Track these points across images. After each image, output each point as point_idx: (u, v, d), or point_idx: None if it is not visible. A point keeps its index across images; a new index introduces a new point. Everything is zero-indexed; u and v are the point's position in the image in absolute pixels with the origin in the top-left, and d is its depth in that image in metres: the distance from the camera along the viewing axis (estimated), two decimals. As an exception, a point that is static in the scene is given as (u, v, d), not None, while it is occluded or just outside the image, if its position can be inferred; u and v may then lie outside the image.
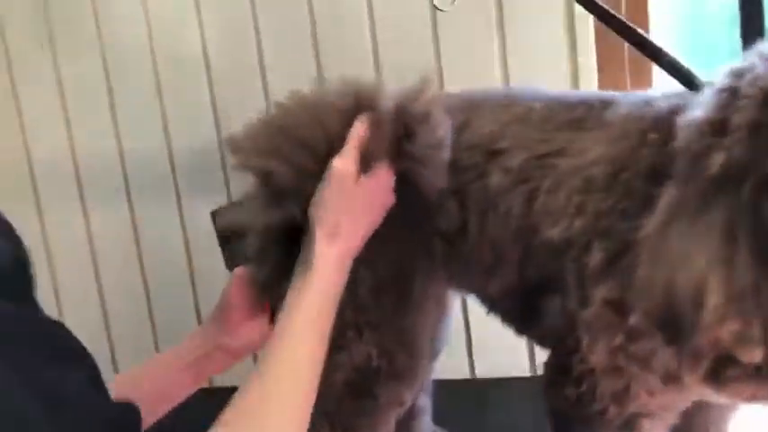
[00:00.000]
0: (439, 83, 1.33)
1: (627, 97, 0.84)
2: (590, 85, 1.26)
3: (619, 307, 0.72)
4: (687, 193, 0.65)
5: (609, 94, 0.88)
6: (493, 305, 0.93)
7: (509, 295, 0.87)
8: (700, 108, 0.68)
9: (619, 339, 0.73)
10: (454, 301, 1.06)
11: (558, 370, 0.80)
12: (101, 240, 1.58)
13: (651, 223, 0.67)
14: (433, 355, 1.00)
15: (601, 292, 0.73)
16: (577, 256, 0.77)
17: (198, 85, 1.48)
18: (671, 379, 0.71)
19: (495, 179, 0.83)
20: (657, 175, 0.71)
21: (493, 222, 0.83)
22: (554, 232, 0.79)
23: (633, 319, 0.69)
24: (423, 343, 0.93)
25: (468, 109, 0.89)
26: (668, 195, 0.66)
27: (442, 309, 1.00)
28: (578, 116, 0.82)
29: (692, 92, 0.77)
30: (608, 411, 0.76)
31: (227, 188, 1.46)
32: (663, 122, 0.75)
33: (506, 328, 0.93)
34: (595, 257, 0.75)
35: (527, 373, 1.39)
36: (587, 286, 0.75)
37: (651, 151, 0.74)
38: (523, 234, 0.81)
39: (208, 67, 1.47)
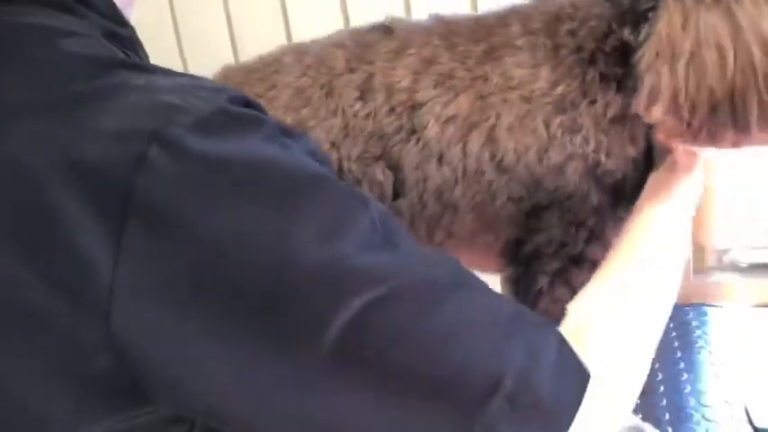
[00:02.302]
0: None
1: (514, 9, 0.82)
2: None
3: None
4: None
5: (491, 13, 0.84)
6: None
7: (463, 238, 0.86)
8: None
9: None
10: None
11: (560, 253, 0.82)
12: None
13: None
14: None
15: None
16: (586, 165, 0.77)
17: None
18: None
19: (432, 132, 0.79)
20: (618, 50, 0.74)
21: (435, 173, 0.80)
22: (549, 157, 0.77)
23: None
24: None
25: (359, 60, 0.82)
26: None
27: None
28: (490, 45, 0.79)
29: None
30: None
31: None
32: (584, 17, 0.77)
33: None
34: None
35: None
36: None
37: (595, 38, 0.76)
38: (490, 176, 0.79)
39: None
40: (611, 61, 0.75)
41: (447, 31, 0.82)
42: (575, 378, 0.54)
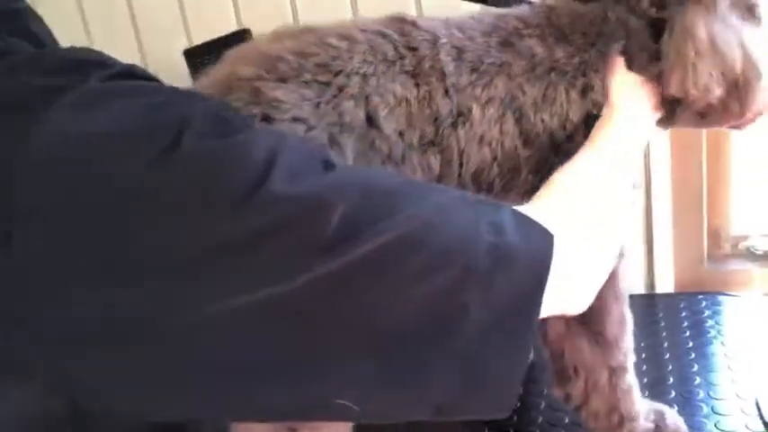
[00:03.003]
0: None
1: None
2: None
3: None
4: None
5: (483, 14, 0.89)
6: None
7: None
8: None
9: None
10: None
11: None
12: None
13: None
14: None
15: None
16: (590, 120, 0.84)
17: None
18: None
19: (477, 114, 0.81)
20: (597, 32, 0.85)
21: (477, 154, 0.82)
22: (570, 120, 0.84)
23: None
24: None
25: (405, 48, 0.82)
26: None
27: None
28: (501, 36, 0.84)
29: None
30: None
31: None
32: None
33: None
34: None
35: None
36: None
37: (593, 24, 0.86)
38: (521, 151, 0.84)
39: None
40: (605, 41, 0.85)
41: (460, 25, 0.85)
42: (539, 241, 0.57)
